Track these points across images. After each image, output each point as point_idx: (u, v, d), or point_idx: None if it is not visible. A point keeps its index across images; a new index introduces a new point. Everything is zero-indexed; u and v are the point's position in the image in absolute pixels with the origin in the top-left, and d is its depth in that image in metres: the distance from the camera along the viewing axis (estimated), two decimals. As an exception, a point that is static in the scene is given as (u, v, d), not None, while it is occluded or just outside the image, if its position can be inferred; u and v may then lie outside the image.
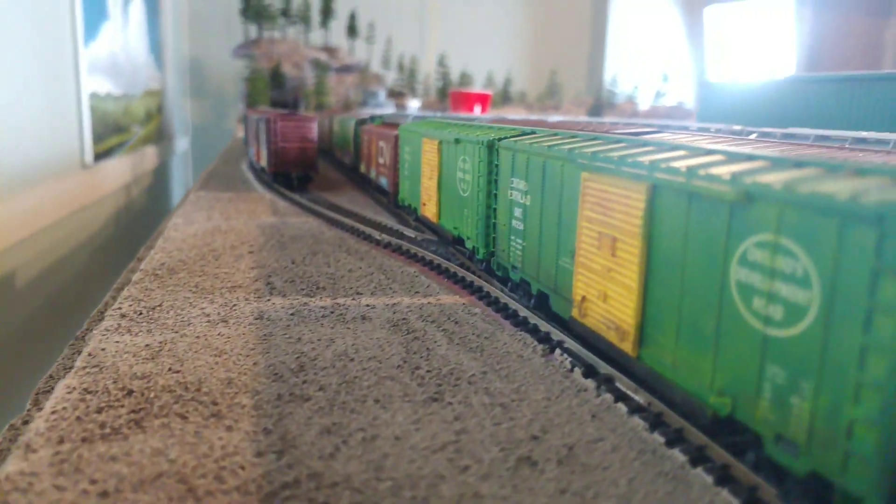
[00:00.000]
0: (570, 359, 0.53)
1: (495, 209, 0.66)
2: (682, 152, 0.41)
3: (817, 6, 4.63)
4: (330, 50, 3.25)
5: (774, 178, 0.34)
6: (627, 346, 0.44)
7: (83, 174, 1.88)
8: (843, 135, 1.03)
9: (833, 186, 0.31)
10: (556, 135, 0.56)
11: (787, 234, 0.33)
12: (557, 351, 0.55)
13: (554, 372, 0.49)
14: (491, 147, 0.55)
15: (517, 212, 0.60)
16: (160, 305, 0.55)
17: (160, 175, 3.09)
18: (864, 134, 1.02)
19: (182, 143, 3.62)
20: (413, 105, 2.25)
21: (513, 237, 0.61)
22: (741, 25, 3.51)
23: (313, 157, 0.78)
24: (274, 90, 2.95)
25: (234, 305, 0.56)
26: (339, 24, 3.30)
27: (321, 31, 3.27)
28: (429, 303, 0.59)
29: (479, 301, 0.67)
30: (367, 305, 0.60)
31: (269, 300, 0.59)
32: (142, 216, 2.55)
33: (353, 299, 0.61)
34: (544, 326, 0.58)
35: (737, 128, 1.57)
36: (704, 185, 0.37)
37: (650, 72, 3.20)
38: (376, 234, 0.85)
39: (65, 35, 1.78)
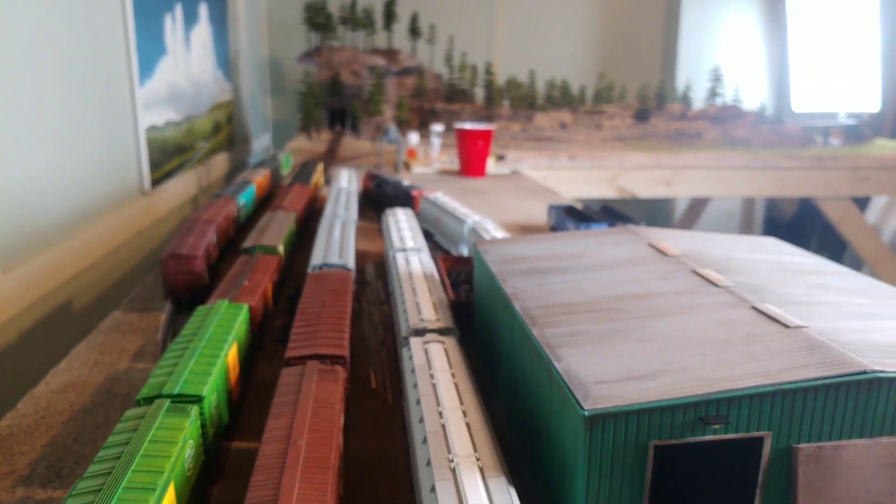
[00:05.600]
0: None
1: None
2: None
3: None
4: (391, 53, 3.38)
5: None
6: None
7: (142, 200, 2.18)
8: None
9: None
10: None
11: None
12: None
13: None
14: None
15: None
16: None
17: (234, 177, 3.39)
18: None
19: (262, 141, 3.94)
20: (436, 128, 2.36)
21: None
22: (827, 12, 3.27)
23: (199, 286, 0.96)
24: (332, 98, 3.14)
25: None
26: (401, 27, 3.42)
27: (385, 33, 3.40)
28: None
29: None
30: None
31: None
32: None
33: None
34: None
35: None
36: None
37: (713, 70, 3.09)
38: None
39: (122, 80, 2.05)
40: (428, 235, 1.31)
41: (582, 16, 4.15)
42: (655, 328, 0.53)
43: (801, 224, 4.43)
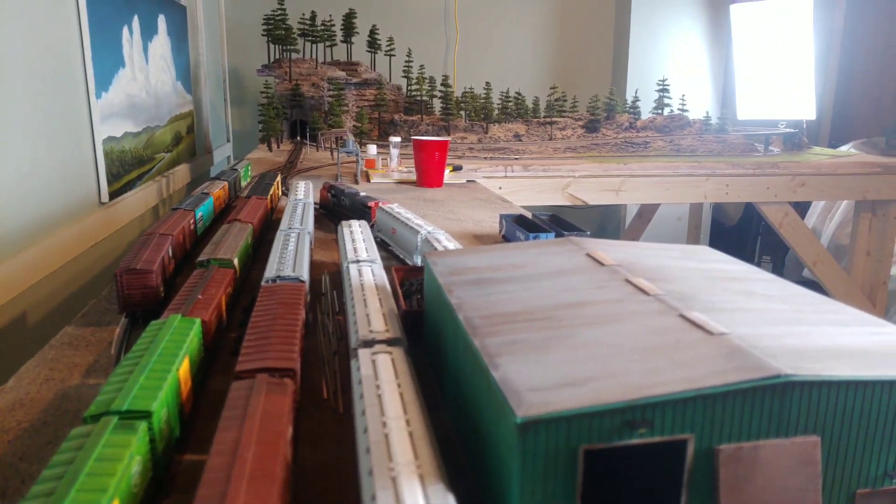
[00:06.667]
0: None
1: None
2: None
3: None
4: (351, 65, 3.39)
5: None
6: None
7: (99, 212, 2.15)
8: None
9: None
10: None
11: None
12: None
13: None
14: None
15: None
16: None
17: (196, 187, 3.38)
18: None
19: (224, 151, 3.91)
20: (394, 139, 2.38)
21: None
22: (766, 25, 3.41)
23: (155, 300, 0.96)
24: (293, 109, 3.14)
25: None
26: (360, 39, 3.45)
27: (344, 45, 3.42)
28: None
29: None
30: None
31: None
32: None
33: None
34: None
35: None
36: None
37: (660, 81, 3.19)
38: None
39: (78, 92, 2.03)
40: (385, 246, 1.33)
41: (535, 30, 4.25)
42: (589, 336, 0.56)
43: (746, 228, 4.58)
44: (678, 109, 3.16)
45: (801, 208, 4.29)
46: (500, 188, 2.57)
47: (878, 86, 4.77)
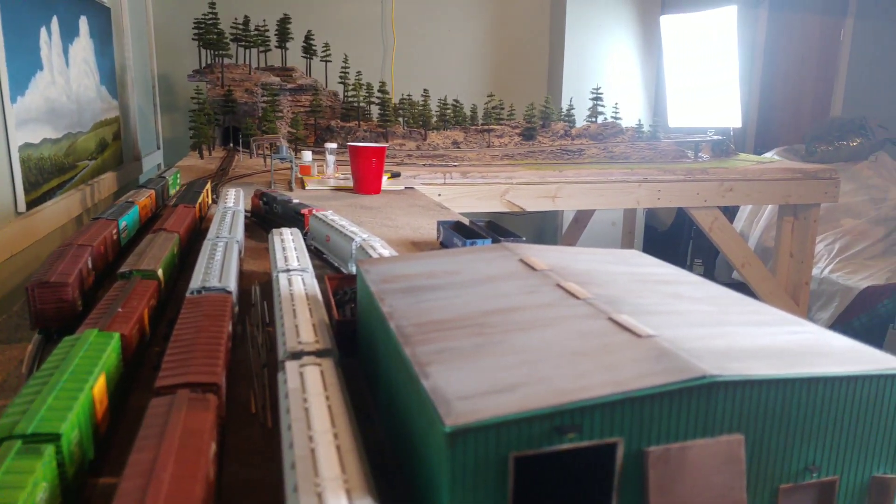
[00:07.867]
0: None
1: None
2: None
3: (772, 7, 4.63)
4: (285, 71, 3.34)
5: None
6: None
7: (16, 222, 2.04)
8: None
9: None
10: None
11: None
12: None
13: None
14: None
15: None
16: None
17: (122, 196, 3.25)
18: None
19: (153, 158, 3.78)
20: (330, 146, 2.35)
21: None
22: (694, 37, 3.53)
23: (71, 314, 0.91)
24: (225, 115, 3.06)
25: None
26: (295, 45, 3.40)
27: (279, 51, 3.36)
28: None
29: None
30: None
31: None
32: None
33: None
34: None
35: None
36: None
37: (594, 90, 3.26)
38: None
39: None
40: (319, 254, 1.31)
41: (472, 38, 4.28)
42: (519, 341, 0.56)
43: (678, 232, 4.72)
44: (611, 117, 3.24)
45: (730, 213, 4.46)
46: (440, 195, 2.57)
47: (796, 96, 5.02)
